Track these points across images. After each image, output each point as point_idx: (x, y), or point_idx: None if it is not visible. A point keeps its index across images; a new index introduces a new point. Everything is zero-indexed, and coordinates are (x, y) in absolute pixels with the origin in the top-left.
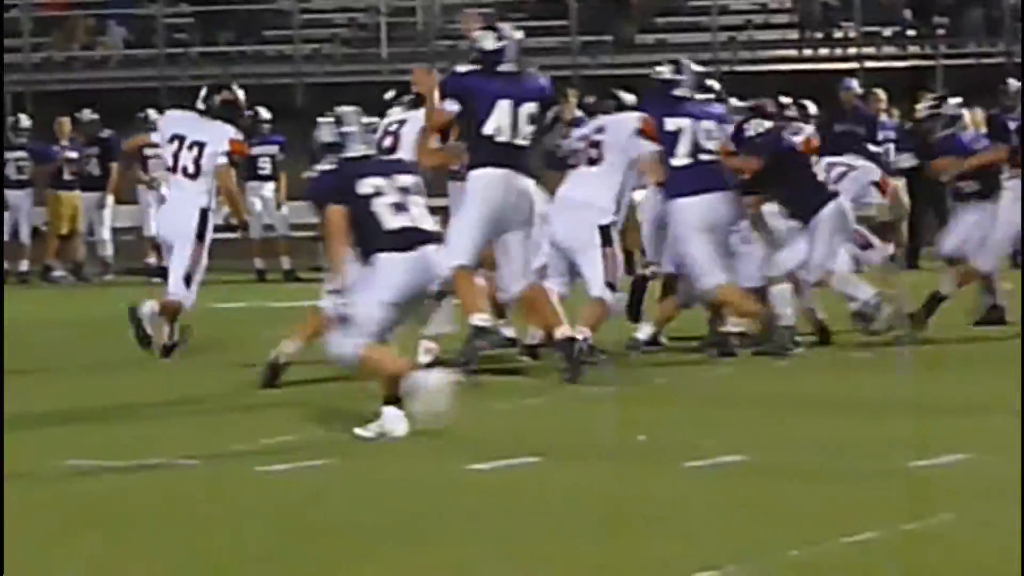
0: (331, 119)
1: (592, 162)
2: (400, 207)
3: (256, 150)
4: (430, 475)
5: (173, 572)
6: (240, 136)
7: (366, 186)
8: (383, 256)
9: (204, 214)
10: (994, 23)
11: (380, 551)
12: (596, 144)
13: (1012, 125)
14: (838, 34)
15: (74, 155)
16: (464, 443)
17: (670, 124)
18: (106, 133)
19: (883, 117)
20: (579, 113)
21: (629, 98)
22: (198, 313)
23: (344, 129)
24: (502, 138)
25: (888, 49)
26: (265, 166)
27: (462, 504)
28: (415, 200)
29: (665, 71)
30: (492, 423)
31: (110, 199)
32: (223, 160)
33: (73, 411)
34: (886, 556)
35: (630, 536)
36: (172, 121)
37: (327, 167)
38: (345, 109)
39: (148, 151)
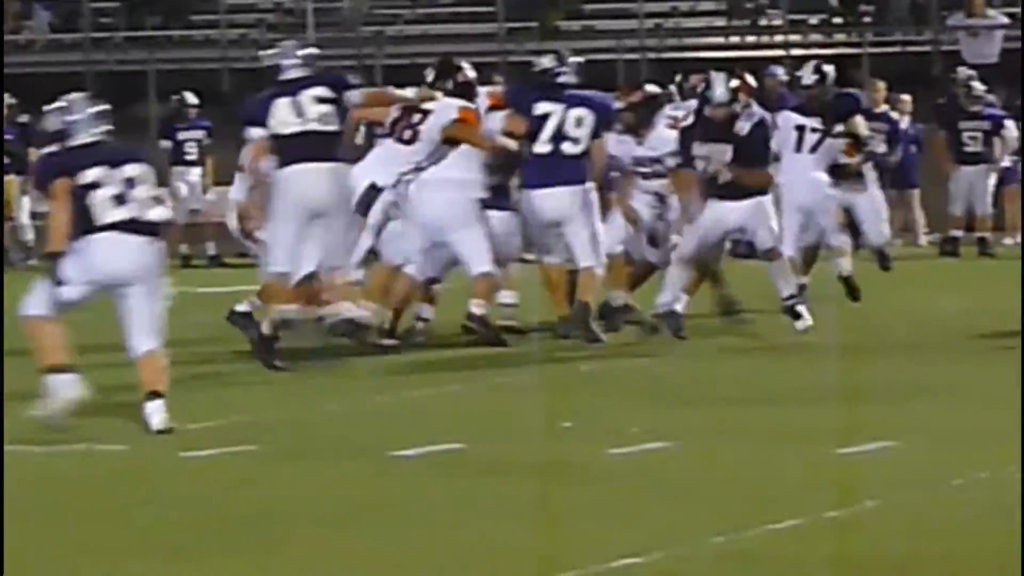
0: (58, 106)
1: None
2: (120, 198)
3: (182, 135)
4: (354, 461)
5: (98, 556)
6: None
7: (87, 176)
8: (93, 238)
9: None
10: (920, 11)
11: (303, 535)
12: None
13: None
14: (764, 21)
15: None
16: (387, 429)
17: (539, 108)
18: (24, 118)
19: None
20: None
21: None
22: None
23: (70, 117)
24: (288, 129)
25: (814, 36)
26: (191, 151)
27: (386, 489)
28: (140, 191)
29: (546, 62)
30: (415, 410)
31: (27, 185)
32: None
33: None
34: (811, 543)
35: (555, 522)
36: None
37: (51, 152)
38: (73, 96)
39: None
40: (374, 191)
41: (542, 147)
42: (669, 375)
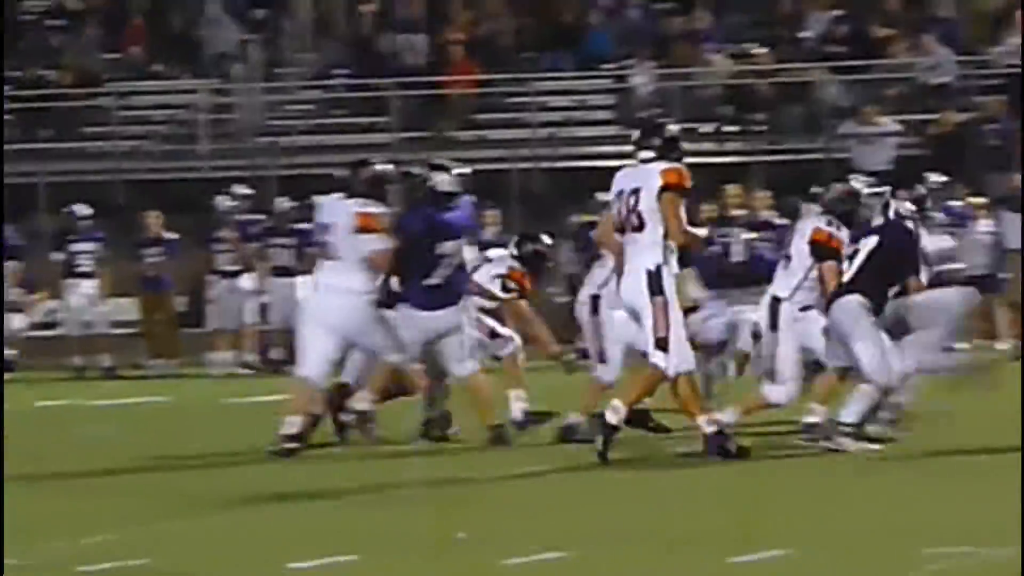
0: None
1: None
2: None
3: (75, 247)
4: (250, 573)
5: None
6: None
7: None
8: None
9: None
10: (812, 119)
11: None
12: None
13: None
14: None
15: None
16: (285, 539)
17: (442, 248)
18: None
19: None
20: None
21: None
22: (15, 411)
23: None
24: None
25: (707, 145)
26: (85, 263)
27: None
28: None
29: (442, 182)
30: (312, 519)
31: None
32: None
33: None
34: None
35: None
36: None
37: None
38: None
39: None
40: None
41: (433, 280)
42: (564, 484)
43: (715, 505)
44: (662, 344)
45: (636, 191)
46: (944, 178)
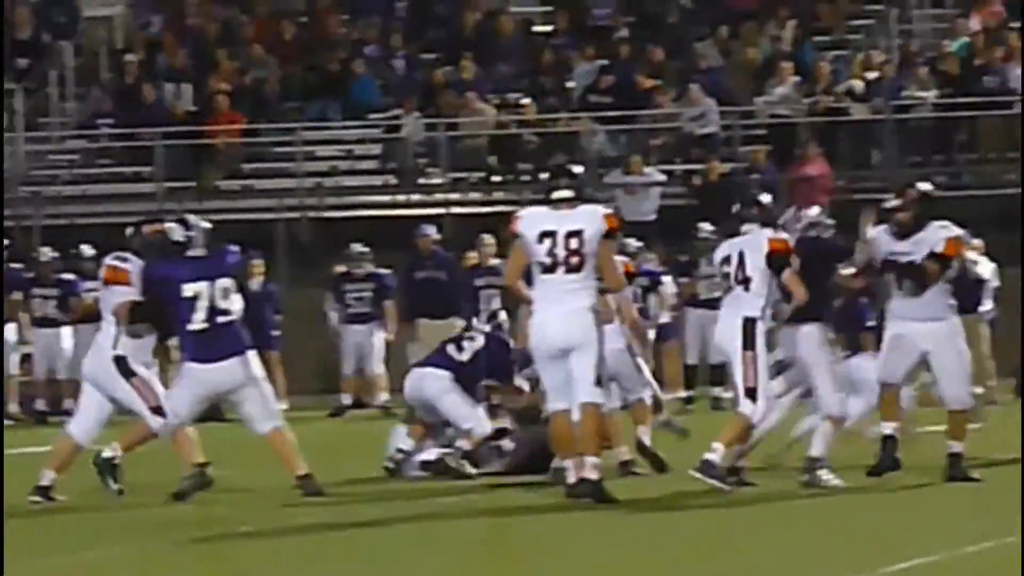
0: None
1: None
2: None
3: None
4: None
5: None
6: None
7: None
8: None
9: None
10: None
11: None
12: None
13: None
14: (424, 180)
15: None
16: None
17: (188, 290)
18: None
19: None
20: None
21: None
22: None
23: None
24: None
25: (474, 195)
26: None
27: None
28: None
29: (176, 231)
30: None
31: None
32: None
33: None
34: None
35: None
36: None
37: None
38: None
39: None
40: None
41: (198, 325)
42: (333, 534)
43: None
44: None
45: (577, 233)
46: (712, 227)
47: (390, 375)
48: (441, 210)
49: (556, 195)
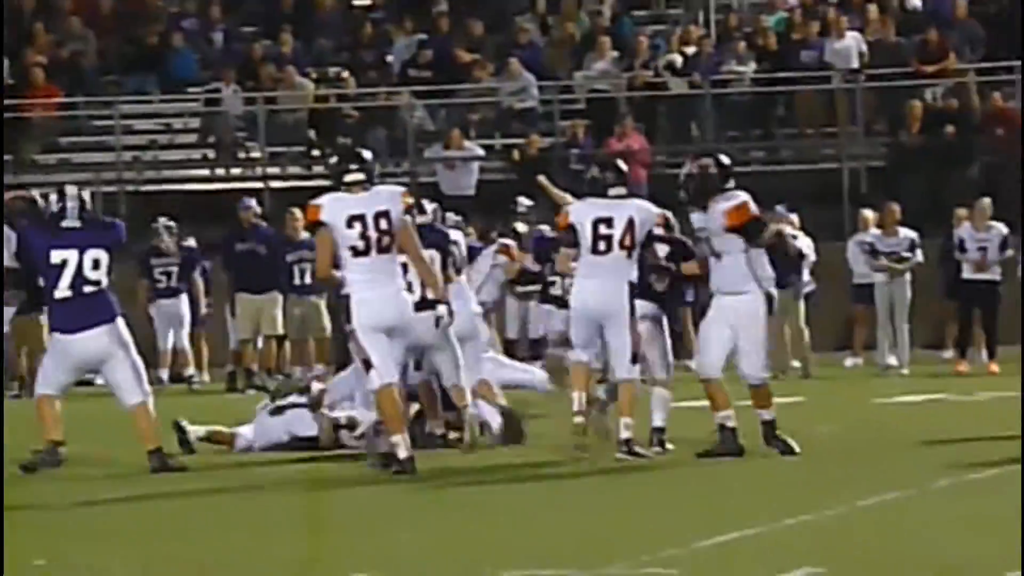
0: None
1: None
2: None
3: None
4: None
5: None
6: None
7: None
8: None
9: None
10: (398, 143)
11: None
12: None
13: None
14: (243, 154)
15: None
16: None
17: (55, 256)
18: None
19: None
20: None
21: None
22: None
23: None
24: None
25: (293, 169)
26: None
27: None
28: None
29: (52, 200)
30: None
31: None
32: None
33: None
34: None
35: None
36: None
37: None
38: None
39: None
40: None
41: (63, 293)
42: (148, 509)
43: (287, 529)
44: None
45: (385, 213)
46: (530, 202)
47: (210, 349)
48: (260, 184)
49: (349, 179)
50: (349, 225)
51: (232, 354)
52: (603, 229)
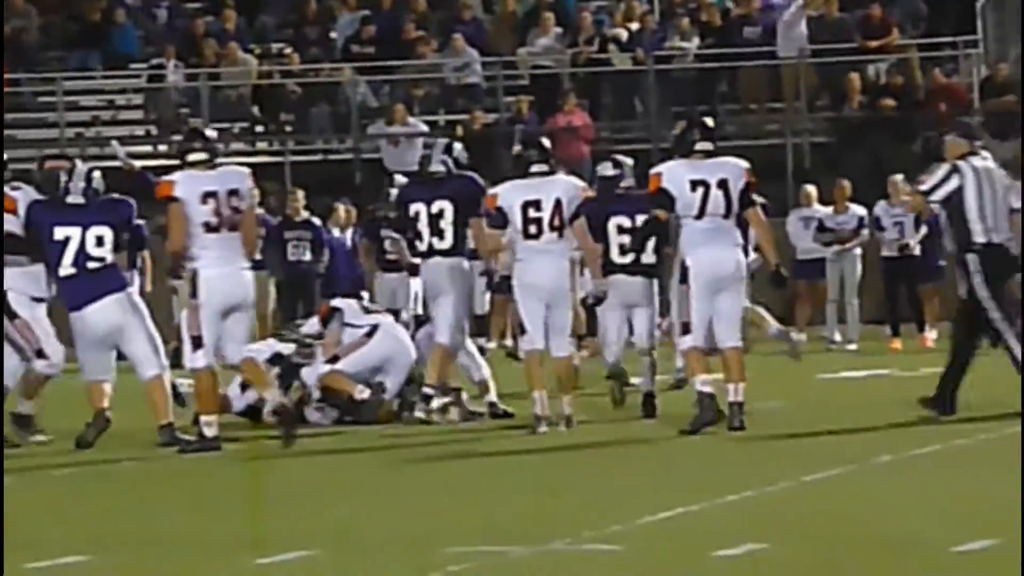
0: None
1: None
2: None
3: None
4: None
5: None
6: None
7: None
8: None
9: None
10: (341, 119)
11: None
12: None
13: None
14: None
15: None
16: None
17: (59, 233)
18: None
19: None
20: None
21: None
22: None
23: None
24: None
25: (237, 145)
26: None
27: None
28: None
29: (61, 177)
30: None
31: None
32: None
33: None
34: None
35: None
36: None
37: None
38: None
39: None
40: None
41: (66, 270)
42: (91, 485)
43: (233, 508)
44: None
45: (236, 191)
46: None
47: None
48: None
49: (192, 158)
50: (203, 201)
51: (176, 330)
52: (532, 212)
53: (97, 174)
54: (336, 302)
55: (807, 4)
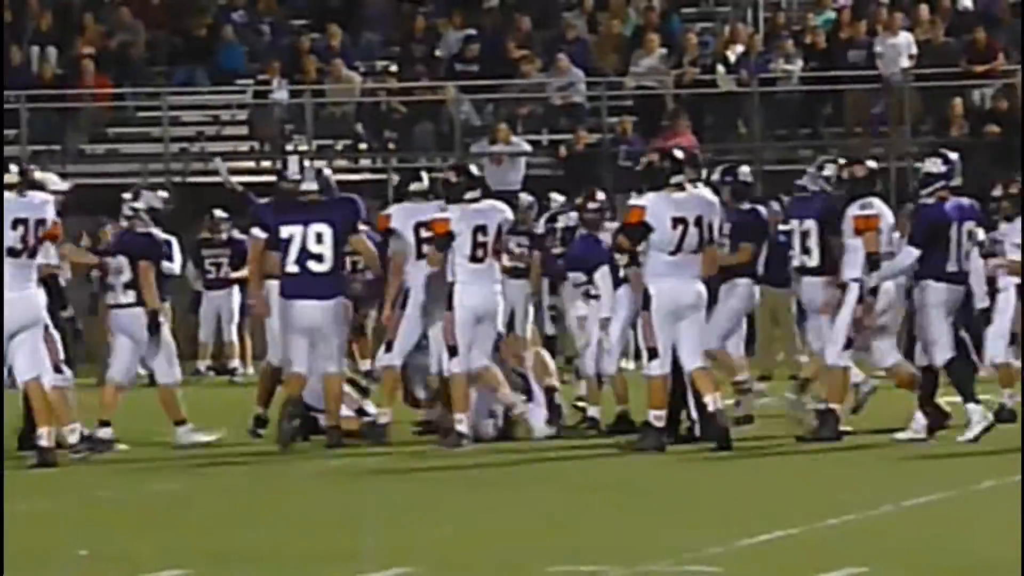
0: None
1: None
2: None
3: None
4: None
5: None
6: None
7: None
8: None
9: None
10: (444, 137)
11: None
12: None
13: None
14: (291, 146)
15: None
16: None
17: (284, 232)
18: None
19: None
20: None
21: None
22: None
23: None
24: None
25: (340, 162)
26: None
27: None
28: None
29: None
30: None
31: None
32: None
33: None
34: None
35: None
36: None
37: None
38: None
39: None
40: None
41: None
42: (192, 499)
43: (338, 524)
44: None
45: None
46: (562, 198)
47: (253, 342)
48: None
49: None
50: (14, 227)
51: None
52: (480, 237)
53: (329, 172)
54: None
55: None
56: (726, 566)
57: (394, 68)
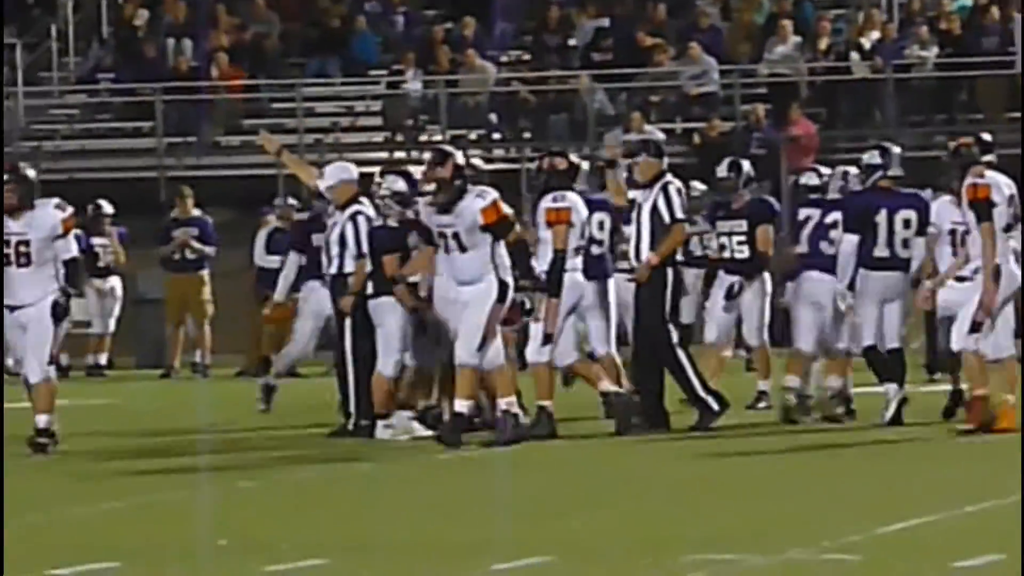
0: None
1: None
2: None
3: None
4: None
5: None
6: None
7: None
8: None
9: None
10: (578, 127)
11: None
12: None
13: None
14: (424, 137)
15: None
16: (43, 547)
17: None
18: None
19: None
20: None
21: None
22: None
23: None
24: None
25: (474, 152)
26: None
27: None
28: None
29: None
30: (73, 527)
31: None
32: None
33: None
34: None
35: None
36: None
37: None
38: None
39: None
40: None
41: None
42: (327, 490)
43: (481, 513)
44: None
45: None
46: (704, 187)
47: None
48: None
49: None
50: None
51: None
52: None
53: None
54: None
55: None
56: (865, 554)
57: (527, 58)
